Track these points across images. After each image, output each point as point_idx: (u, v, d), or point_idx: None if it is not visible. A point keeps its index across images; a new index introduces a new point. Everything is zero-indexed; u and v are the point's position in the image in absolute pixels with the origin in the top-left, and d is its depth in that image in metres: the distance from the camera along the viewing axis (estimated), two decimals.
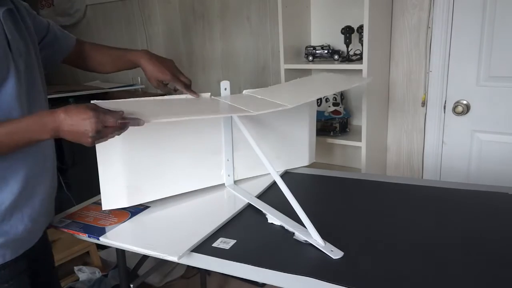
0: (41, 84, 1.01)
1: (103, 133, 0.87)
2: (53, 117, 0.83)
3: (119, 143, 1.10)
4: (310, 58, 1.88)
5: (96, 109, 0.86)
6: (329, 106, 1.93)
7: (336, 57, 1.84)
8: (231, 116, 1.26)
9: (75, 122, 0.83)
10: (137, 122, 0.92)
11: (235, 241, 1.00)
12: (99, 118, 0.84)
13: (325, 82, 1.43)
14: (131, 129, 0.95)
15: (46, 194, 1.01)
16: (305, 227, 1.00)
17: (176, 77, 1.23)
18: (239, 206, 1.18)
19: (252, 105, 1.15)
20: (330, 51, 1.85)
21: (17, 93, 0.89)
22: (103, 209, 1.15)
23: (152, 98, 1.18)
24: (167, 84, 1.26)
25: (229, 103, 1.22)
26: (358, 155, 1.78)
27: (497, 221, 1.04)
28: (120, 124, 0.89)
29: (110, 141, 1.07)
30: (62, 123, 0.83)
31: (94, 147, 1.08)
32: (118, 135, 0.92)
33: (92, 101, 1.04)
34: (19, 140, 0.84)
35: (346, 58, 1.83)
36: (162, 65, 1.21)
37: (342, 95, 1.99)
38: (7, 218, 0.91)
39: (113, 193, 1.14)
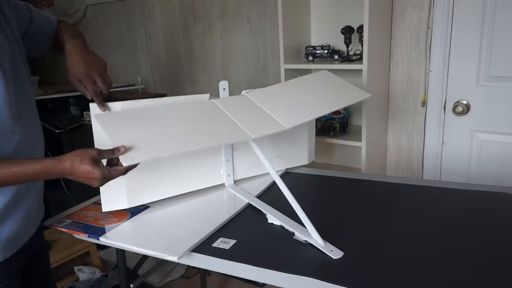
0: (27, 81, 0.99)
1: (109, 180, 0.91)
2: (60, 170, 0.85)
3: None
4: (310, 58, 1.88)
5: (101, 164, 0.87)
6: None
7: (336, 57, 1.84)
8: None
9: (80, 176, 0.86)
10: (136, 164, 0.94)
11: (235, 241, 1.00)
12: (105, 176, 0.87)
13: (325, 90, 1.40)
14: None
15: (39, 191, 1.02)
16: (305, 227, 1.00)
17: (91, 79, 1.06)
18: (239, 206, 1.18)
19: (250, 122, 1.13)
20: (330, 51, 1.85)
21: (6, 94, 0.87)
22: (103, 211, 1.15)
23: (151, 104, 1.13)
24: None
25: (228, 113, 1.17)
26: (358, 155, 1.78)
27: (497, 221, 1.04)
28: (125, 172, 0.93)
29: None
30: (68, 175, 0.86)
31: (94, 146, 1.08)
32: None
33: (91, 105, 1.04)
34: (22, 181, 0.86)
35: (346, 58, 1.83)
36: (83, 58, 1.05)
37: None
38: (2, 219, 0.90)
39: (113, 195, 1.14)
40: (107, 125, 0.99)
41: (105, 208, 1.15)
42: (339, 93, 1.39)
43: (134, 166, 0.93)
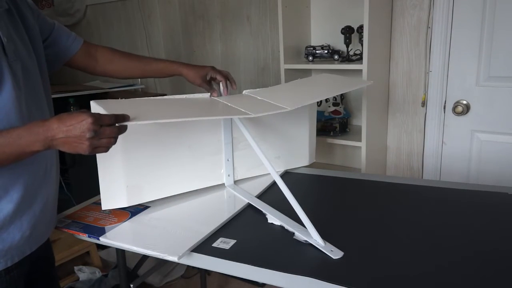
0: (43, 86, 0.99)
1: (101, 134, 0.81)
2: (46, 126, 0.79)
3: (119, 143, 1.10)
4: (310, 58, 1.88)
5: (90, 111, 0.82)
6: (329, 106, 1.93)
7: (336, 57, 1.84)
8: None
9: (70, 127, 0.78)
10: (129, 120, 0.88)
11: (235, 241, 1.00)
12: (95, 117, 0.79)
13: (326, 83, 1.43)
14: (130, 129, 0.94)
15: (48, 201, 0.99)
16: (305, 227, 1.00)
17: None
18: (239, 206, 1.18)
19: (251, 107, 1.14)
20: (330, 51, 1.85)
21: (15, 98, 0.86)
22: (102, 209, 1.15)
23: (152, 98, 1.19)
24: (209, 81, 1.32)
25: (228, 104, 1.22)
26: (358, 155, 1.78)
27: (497, 221, 1.04)
28: (115, 120, 0.84)
29: None
30: (56, 131, 0.78)
31: None
32: (116, 137, 0.86)
33: (92, 101, 1.04)
34: (10, 152, 0.79)
35: (346, 58, 1.83)
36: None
37: (342, 95, 1.99)
38: (5, 226, 0.88)
39: (112, 193, 1.14)
40: (107, 104, 0.99)
41: (105, 206, 1.15)
42: (341, 82, 1.41)
43: (125, 129, 0.87)
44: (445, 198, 1.19)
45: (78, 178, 2.22)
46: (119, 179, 1.13)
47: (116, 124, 0.85)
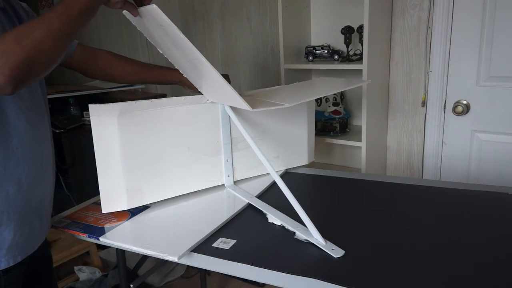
0: (39, 83, 0.99)
1: None
2: None
3: (118, 146, 1.10)
4: (310, 58, 1.88)
5: None
6: (329, 106, 1.93)
7: (336, 57, 1.84)
8: (229, 117, 1.26)
9: None
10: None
11: (235, 241, 1.00)
12: None
13: (325, 84, 1.44)
14: (129, 131, 0.94)
15: (44, 200, 0.99)
16: (305, 226, 1.00)
17: None
18: (239, 206, 1.18)
19: (251, 104, 1.14)
20: (330, 51, 1.85)
21: (14, 97, 0.87)
22: (103, 212, 1.15)
23: (150, 102, 1.16)
24: None
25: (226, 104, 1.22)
26: (358, 155, 1.78)
27: (497, 221, 1.04)
28: None
29: (109, 144, 1.07)
30: None
31: (94, 147, 1.08)
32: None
33: (90, 105, 1.04)
34: (70, 14, 0.78)
35: (346, 58, 1.83)
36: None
37: (342, 95, 1.99)
38: (4, 224, 0.88)
39: (112, 196, 1.14)
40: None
41: (105, 209, 1.15)
42: (339, 83, 1.42)
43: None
44: (445, 198, 1.19)
45: (78, 178, 2.22)
46: (119, 182, 1.13)
47: None
